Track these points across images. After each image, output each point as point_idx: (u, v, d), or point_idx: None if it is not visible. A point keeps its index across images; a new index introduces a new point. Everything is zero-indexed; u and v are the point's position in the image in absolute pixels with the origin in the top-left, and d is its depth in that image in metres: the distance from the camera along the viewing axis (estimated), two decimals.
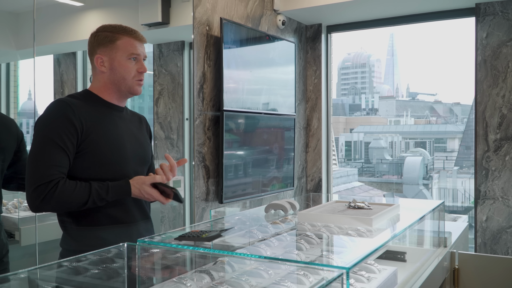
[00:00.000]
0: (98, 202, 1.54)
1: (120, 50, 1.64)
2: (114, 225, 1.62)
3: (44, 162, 1.51)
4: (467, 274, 2.14)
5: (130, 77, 1.66)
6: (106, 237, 1.57)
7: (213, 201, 3.06)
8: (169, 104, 3.10)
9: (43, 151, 1.52)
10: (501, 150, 3.41)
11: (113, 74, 1.65)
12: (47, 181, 1.49)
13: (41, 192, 1.48)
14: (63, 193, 1.49)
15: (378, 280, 1.46)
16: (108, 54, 1.65)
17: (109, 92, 1.68)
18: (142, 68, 1.67)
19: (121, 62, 1.64)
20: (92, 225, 1.60)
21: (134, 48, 1.66)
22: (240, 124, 3.19)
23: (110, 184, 1.56)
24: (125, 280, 1.36)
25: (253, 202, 3.46)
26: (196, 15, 2.92)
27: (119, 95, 1.69)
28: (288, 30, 3.91)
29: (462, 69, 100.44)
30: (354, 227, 1.64)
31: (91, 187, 1.53)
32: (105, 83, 1.67)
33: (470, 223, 3.01)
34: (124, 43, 1.65)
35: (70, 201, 1.51)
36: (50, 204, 1.49)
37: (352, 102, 41.46)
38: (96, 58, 1.66)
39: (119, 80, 1.66)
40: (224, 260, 1.37)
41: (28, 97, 2.42)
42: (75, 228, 1.61)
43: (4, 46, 2.37)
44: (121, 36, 1.65)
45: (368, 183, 16.19)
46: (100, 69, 1.66)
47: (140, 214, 1.71)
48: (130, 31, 1.67)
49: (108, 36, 1.65)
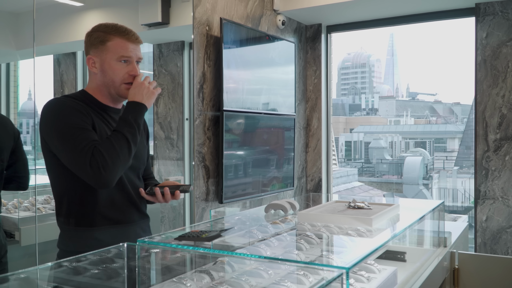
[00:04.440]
0: (132, 129, 1.53)
1: (110, 52, 1.59)
2: (111, 226, 1.60)
3: (78, 143, 1.46)
4: (467, 274, 2.14)
5: (119, 80, 1.60)
6: (103, 238, 1.55)
7: (213, 201, 3.06)
8: (169, 104, 3.10)
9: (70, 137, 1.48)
10: (501, 150, 3.41)
11: (104, 76, 1.61)
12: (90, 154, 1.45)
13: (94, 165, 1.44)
14: (108, 148, 1.47)
15: (378, 280, 1.46)
16: (99, 56, 1.60)
17: (102, 93, 1.64)
18: (133, 71, 1.61)
19: (110, 65, 1.59)
20: (89, 226, 1.58)
21: (125, 50, 1.59)
22: (240, 124, 3.19)
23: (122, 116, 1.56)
24: (125, 280, 1.36)
25: (253, 202, 3.46)
26: (196, 15, 2.92)
27: (111, 97, 1.66)
28: (288, 30, 3.91)
29: (462, 69, 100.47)
30: (354, 227, 1.64)
31: (117, 129, 1.52)
32: (98, 84, 1.63)
33: (470, 223, 3.01)
34: (115, 44, 1.59)
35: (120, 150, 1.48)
36: (107, 165, 1.45)
37: (352, 102, 41.46)
38: (88, 59, 1.62)
39: (108, 82, 1.61)
40: (224, 260, 1.37)
41: (28, 97, 2.42)
42: (73, 229, 1.58)
43: (4, 46, 2.37)
44: (112, 37, 1.59)
45: (368, 183, 16.20)
46: (92, 70, 1.62)
47: (137, 213, 1.69)
48: (123, 32, 1.61)
49: (100, 36, 1.60)
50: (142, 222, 1.71)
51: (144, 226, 1.73)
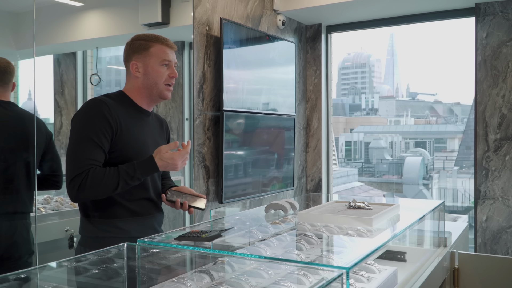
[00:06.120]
0: (129, 181, 1.64)
1: (153, 57, 1.77)
2: (132, 218, 1.74)
3: (79, 156, 1.62)
4: (467, 274, 2.14)
5: (162, 82, 1.78)
6: (124, 228, 1.70)
7: (213, 201, 3.06)
8: (169, 104, 3.10)
9: (79, 146, 1.63)
10: (501, 150, 3.41)
11: (147, 79, 1.77)
12: (80, 172, 1.59)
13: (76, 183, 1.59)
14: (95, 179, 1.59)
15: (378, 280, 1.46)
16: (142, 61, 1.77)
17: (141, 96, 1.79)
18: (173, 73, 1.79)
19: (154, 68, 1.76)
20: (112, 218, 1.71)
21: (166, 55, 1.78)
22: (240, 124, 3.19)
23: (135, 162, 1.65)
24: (125, 280, 1.36)
25: (253, 202, 3.46)
26: (196, 15, 2.92)
27: (150, 99, 1.81)
28: (288, 30, 3.91)
29: (462, 69, 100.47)
30: (354, 227, 1.64)
31: (119, 169, 1.63)
32: (139, 87, 1.79)
33: (470, 223, 3.01)
34: (157, 50, 1.77)
35: (103, 185, 1.60)
36: (84, 192, 1.59)
37: (352, 102, 41.41)
38: (132, 64, 1.78)
39: (151, 84, 1.77)
40: (224, 260, 1.37)
41: (28, 97, 2.42)
42: (97, 220, 1.71)
43: (4, 46, 2.37)
44: (154, 44, 1.77)
45: (368, 183, 16.19)
46: (135, 74, 1.78)
47: (154, 207, 1.83)
48: (162, 39, 1.79)
49: (142, 44, 1.77)
50: (158, 216, 1.85)
51: (159, 220, 1.87)
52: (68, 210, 2.50)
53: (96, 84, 2.66)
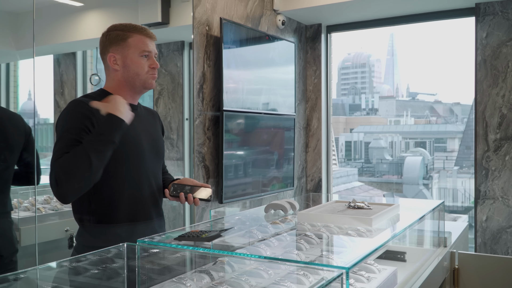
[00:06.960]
0: (99, 147, 1.47)
1: (132, 48, 1.67)
2: (131, 223, 1.64)
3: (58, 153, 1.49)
4: (467, 274, 2.14)
5: (144, 72, 1.68)
6: (122, 234, 1.58)
7: (213, 201, 3.05)
8: (169, 104, 3.10)
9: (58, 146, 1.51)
10: (501, 150, 3.41)
11: (127, 71, 1.67)
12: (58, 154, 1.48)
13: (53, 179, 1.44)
14: (64, 165, 1.44)
15: (378, 280, 1.46)
16: (120, 52, 1.67)
17: (123, 90, 1.69)
18: (154, 64, 1.71)
19: (133, 59, 1.67)
20: (110, 223, 1.61)
21: (145, 45, 1.68)
22: (240, 124, 3.19)
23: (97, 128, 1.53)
24: (125, 280, 1.36)
25: (253, 202, 3.46)
26: (196, 15, 2.92)
27: (133, 92, 1.71)
28: (288, 30, 3.91)
29: (462, 69, 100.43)
30: (354, 227, 1.64)
31: (83, 142, 1.48)
32: (119, 81, 1.69)
33: (470, 223, 3.01)
34: (136, 40, 1.67)
35: (76, 166, 1.44)
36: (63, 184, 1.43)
37: (352, 102, 41.38)
38: (109, 56, 1.67)
39: (132, 76, 1.68)
40: (224, 260, 1.37)
41: (28, 97, 2.42)
42: (93, 225, 1.62)
43: (4, 46, 2.37)
44: (132, 34, 1.68)
45: (368, 183, 16.18)
46: (113, 67, 1.68)
47: (155, 211, 1.74)
48: (141, 29, 1.70)
49: (120, 34, 1.67)
50: (158, 219, 1.76)
51: (161, 223, 1.78)
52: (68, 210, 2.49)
53: (96, 84, 2.66)
